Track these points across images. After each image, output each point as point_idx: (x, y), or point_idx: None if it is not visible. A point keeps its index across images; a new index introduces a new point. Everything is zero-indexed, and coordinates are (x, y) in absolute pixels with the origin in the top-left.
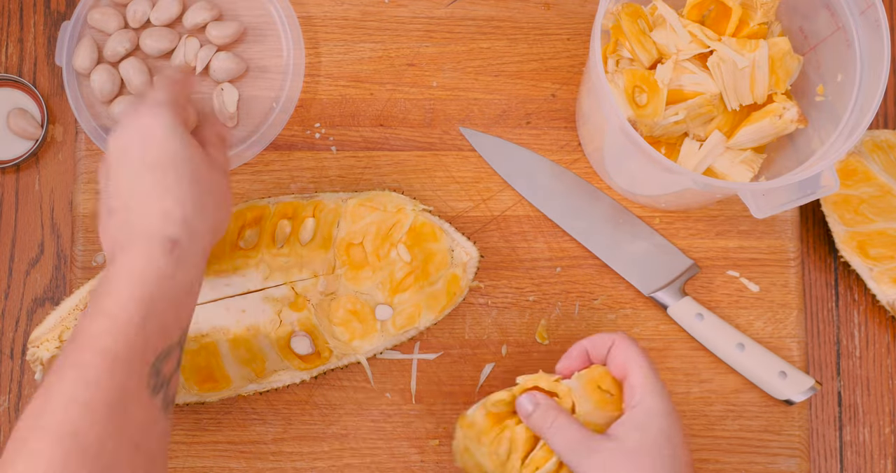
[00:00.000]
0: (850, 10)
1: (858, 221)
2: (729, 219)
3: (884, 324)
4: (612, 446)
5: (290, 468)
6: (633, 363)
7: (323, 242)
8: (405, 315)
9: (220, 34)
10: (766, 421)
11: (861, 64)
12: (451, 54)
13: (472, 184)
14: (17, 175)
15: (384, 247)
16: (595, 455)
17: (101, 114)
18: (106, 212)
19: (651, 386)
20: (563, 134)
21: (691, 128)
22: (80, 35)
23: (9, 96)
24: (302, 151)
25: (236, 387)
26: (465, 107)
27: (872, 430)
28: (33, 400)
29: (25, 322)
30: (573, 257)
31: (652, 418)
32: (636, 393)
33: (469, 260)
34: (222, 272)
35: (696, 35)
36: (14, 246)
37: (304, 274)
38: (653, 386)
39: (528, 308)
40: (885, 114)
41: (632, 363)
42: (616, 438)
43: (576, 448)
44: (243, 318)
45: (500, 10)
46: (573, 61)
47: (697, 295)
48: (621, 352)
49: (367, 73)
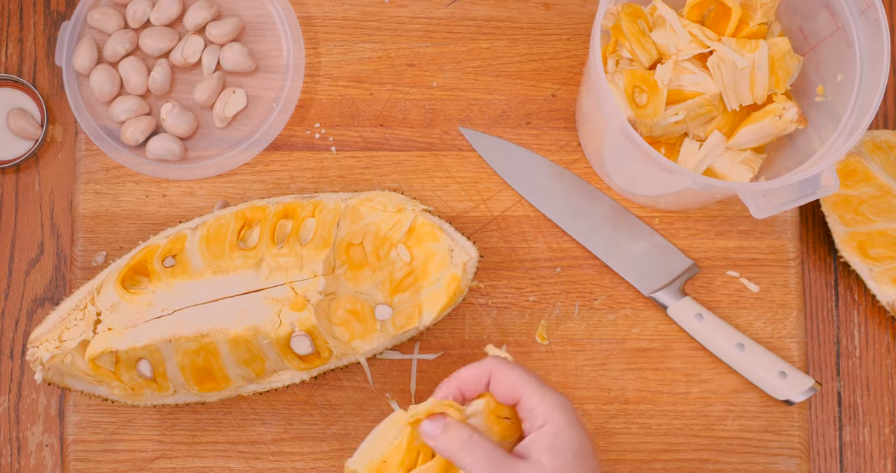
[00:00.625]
0: (850, 10)
1: (858, 221)
2: (729, 219)
3: (884, 324)
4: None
5: (290, 468)
6: (522, 385)
7: (323, 242)
8: (405, 315)
9: (221, 33)
10: (766, 421)
11: (861, 64)
12: (451, 54)
13: (472, 184)
14: (17, 175)
15: (384, 247)
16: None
17: (101, 114)
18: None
19: (550, 403)
20: (563, 134)
21: (691, 128)
22: (80, 35)
23: (9, 96)
24: (302, 151)
25: (236, 387)
26: (465, 108)
27: (872, 430)
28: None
29: (25, 322)
30: (573, 257)
31: (562, 437)
32: (538, 414)
33: (469, 260)
34: (222, 272)
35: (696, 35)
36: (14, 246)
37: (304, 274)
38: (552, 402)
39: (528, 308)
40: (885, 114)
41: (521, 385)
42: (530, 459)
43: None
44: (243, 318)
45: (500, 10)
46: (573, 61)
47: (697, 295)
48: (504, 378)
49: (367, 72)
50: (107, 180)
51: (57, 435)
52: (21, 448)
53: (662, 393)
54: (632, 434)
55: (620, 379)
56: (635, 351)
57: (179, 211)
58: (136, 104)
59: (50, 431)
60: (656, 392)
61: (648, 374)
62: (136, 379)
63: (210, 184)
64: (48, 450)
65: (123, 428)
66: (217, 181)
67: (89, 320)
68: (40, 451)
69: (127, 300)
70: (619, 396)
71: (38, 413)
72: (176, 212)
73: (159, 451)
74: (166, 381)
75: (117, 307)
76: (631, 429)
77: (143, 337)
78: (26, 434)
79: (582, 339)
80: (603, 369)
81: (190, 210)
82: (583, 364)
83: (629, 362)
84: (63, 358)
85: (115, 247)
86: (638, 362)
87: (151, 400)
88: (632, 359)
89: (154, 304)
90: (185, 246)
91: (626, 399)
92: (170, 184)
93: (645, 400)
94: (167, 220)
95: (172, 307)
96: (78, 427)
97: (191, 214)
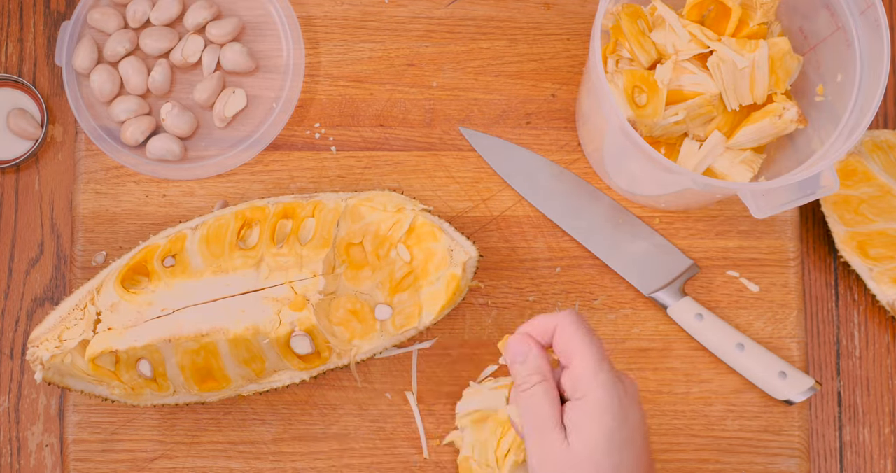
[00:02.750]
0: (850, 10)
1: (858, 221)
2: (729, 219)
3: (884, 324)
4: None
5: (290, 468)
6: (576, 351)
7: (323, 242)
8: (405, 314)
9: (221, 33)
10: (766, 421)
11: (861, 64)
12: (451, 54)
13: (472, 184)
14: (17, 175)
15: (384, 247)
16: (544, 444)
17: (101, 114)
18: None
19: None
20: (563, 134)
21: (691, 128)
22: (80, 35)
23: (9, 96)
24: (302, 151)
25: (236, 387)
26: (465, 107)
27: (872, 430)
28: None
29: (25, 322)
30: (573, 257)
31: (594, 416)
32: (580, 387)
33: (469, 259)
34: (222, 272)
35: (696, 35)
36: (14, 246)
37: (304, 274)
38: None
39: (528, 308)
40: (885, 114)
41: (575, 351)
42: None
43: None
44: (243, 318)
45: (500, 10)
46: (573, 61)
47: (697, 295)
48: (565, 338)
49: (367, 72)
50: (107, 180)
51: (57, 435)
52: (21, 448)
53: (662, 393)
54: None
55: None
56: (635, 351)
57: (179, 211)
58: (136, 104)
59: (50, 431)
60: (656, 392)
61: (648, 374)
62: (136, 379)
63: (210, 184)
64: (48, 450)
65: (123, 428)
66: (217, 181)
67: (89, 320)
68: (40, 451)
69: (127, 300)
70: None
71: (38, 413)
72: (176, 212)
73: (159, 451)
74: (166, 381)
75: (117, 307)
76: None
77: (143, 337)
78: (26, 434)
79: None
80: None
81: (190, 210)
82: None
83: (629, 362)
84: (63, 357)
85: (115, 247)
86: (638, 362)
87: (151, 400)
88: (632, 359)
89: (154, 304)
90: (185, 246)
91: None
92: (170, 184)
93: (645, 400)
94: (167, 220)
95: (172, 307)
96: (78, 427)
97: (191, 214)
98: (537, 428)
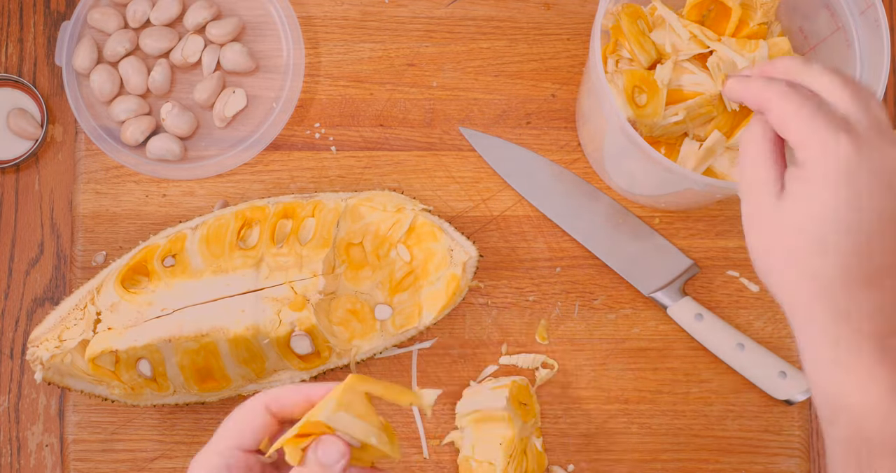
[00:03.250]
0: (850, 10)
1: None
2: (729, 219)
3: None
4: (772, 193)
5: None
6: (789, 122)
7: (323, 242)
8: (405, 314)
9: (221, 33)
10: (766, 421)
11: (861, 64)
12: (451, 54)
13: (471, 184)
14: (17, 175)
15: (384, 247)
16: (751, 198)
17: (101, 114)
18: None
19: (820, 140)
20: (563, 134)
21: (691, 128)
22: (80, 35)
23: (9, 96)
24: (302, 151)
25: (236, 387)
26: (465, 107)
27: None
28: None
29: (25, 322)
30: (573, 257)
31: (810, 195)
32: (799, 156)
33: (469, 259)
34: (222, 271)
35: (696, 35)
36: (14, 246)
37: (304, 274)
38: (823, 139)
39: (528, 308)
40: None
41: (789, 123)
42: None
43: (760, 188)
44: (243, 318)
45: (500, 10)
46: (573, 61)
47: (697, 295)
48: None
49: (367, 73)
50: (107, 180)
51: (57, 435)
52: (21, 448)
53: (662, 393)
54: (632, 434)
55: (620, 378)
56: (635, 350)
57: (179, 210)
58: (136, 104)
59: (50, 431)
60: (656, 392)
61: (648, 374)
62: (136, 379)
63: (210, 184)
64: (48, 450)
65: (123, 428)
66: (217, 181)
67: (89, 320)
68: (40, 451)
69: (127, 300)
70: (619, 396)
71: (38, 413)
72: (176, 212)
73: (159, 451)
74: (166, 381)
75: (117, 306)
76: (631, 429)
77: (143, 337)
78: (26, 434)
79: (582, 339)
80: (603, 369)
81: (190, 210)
82: (583, 364)
83: (629, 362)
84: (63, 357)
85: (115, 247)
86: (638, 362)
87: (151, 400)
88: (632, 359)
89: (154, 304)
90: (185, 246)
91: (626, 399)
92: (170, 183)
93: (645, 400)
94: (167, 220)
95: (172, 307)
96: (78, 426)
97: (191, 214)
98: (749, 166)
